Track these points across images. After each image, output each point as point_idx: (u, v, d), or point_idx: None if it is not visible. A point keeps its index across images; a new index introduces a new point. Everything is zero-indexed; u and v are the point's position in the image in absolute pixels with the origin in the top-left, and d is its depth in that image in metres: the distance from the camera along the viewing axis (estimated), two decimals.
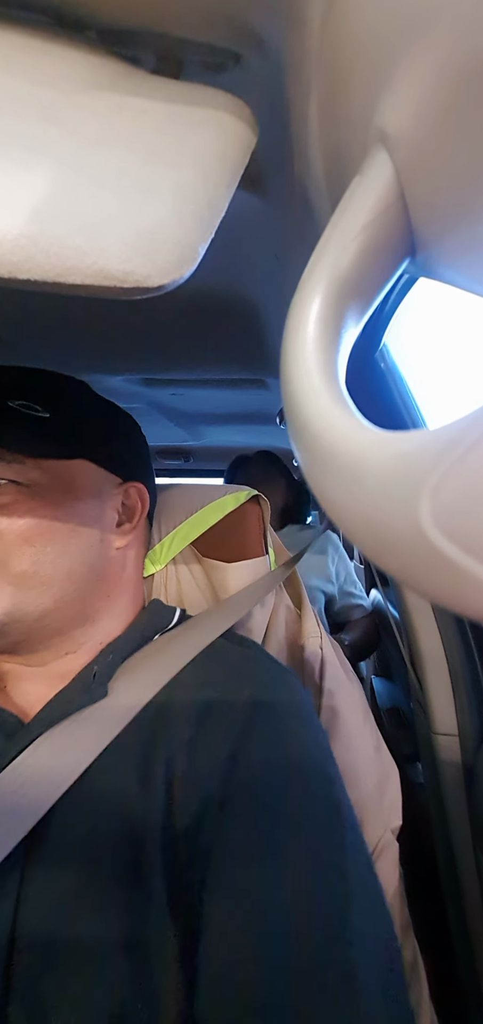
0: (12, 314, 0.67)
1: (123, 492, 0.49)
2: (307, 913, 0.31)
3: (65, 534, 0.43)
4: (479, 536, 0.11)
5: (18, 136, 0.21)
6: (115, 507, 0.49)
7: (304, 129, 0.27)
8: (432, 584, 0.12)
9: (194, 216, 0.22)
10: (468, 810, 0.69)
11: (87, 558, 0.44)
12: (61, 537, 0.42)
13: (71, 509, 0.43)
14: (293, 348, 0.19)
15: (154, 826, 0.36)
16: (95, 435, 0.47)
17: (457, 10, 0.15)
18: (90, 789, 0.37)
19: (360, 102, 0.21)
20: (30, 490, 0.41)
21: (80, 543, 0.44)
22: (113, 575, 0.48)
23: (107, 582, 0.47)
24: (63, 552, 0.42)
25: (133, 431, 0.54)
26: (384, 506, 0.13)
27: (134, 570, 0.52)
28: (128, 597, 0.50)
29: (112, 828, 0.36)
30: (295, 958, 0.30)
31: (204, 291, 0.59)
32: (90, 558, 0.45)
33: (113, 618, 0.48)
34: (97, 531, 0.46)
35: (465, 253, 0.20)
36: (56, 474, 0.43)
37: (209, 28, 0.25)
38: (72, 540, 0.43)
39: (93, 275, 0.21)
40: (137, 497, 0.51)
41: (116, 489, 0.49)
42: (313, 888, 0.32)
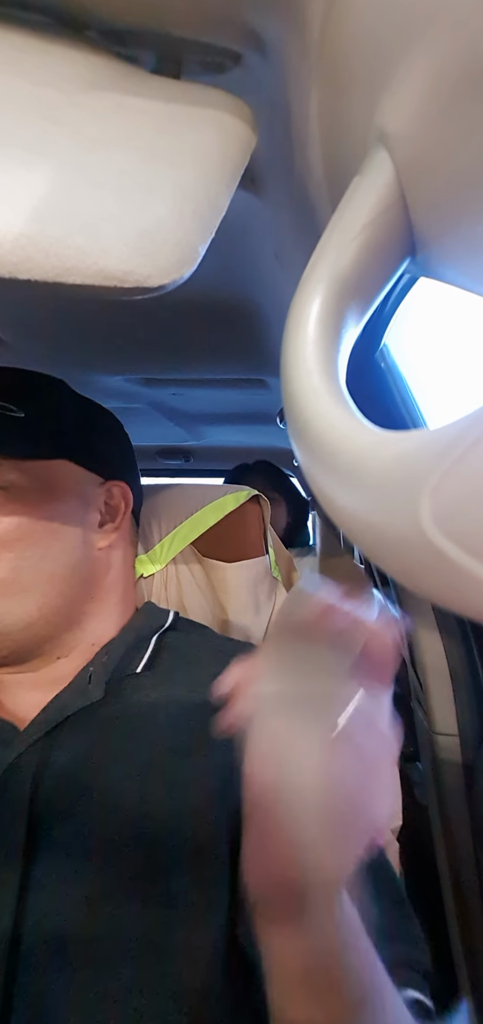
0: (12, 314, 0.67)
1: (105, 491, 0.48)
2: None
3: (46, 537, 0.42)
4: (479, 536, 0.11)
5: (18, 136, 0.21)
6: (97, 507, 0.48)
7: (304, 129, 0.27)
8: (432, 584, 0.12)
9: (194, 216, 0.22)
10: (468, 810, 0.69)
11: (69, 560, 0.43)
12: (42, 540, 0.41)
13: (51, 511, 0.42)
14: (293, 348, 0.19)
15: (169, 824, 0.36)
16: (74, 434, 0.46)
17: (457, 10, 0.15)
18: (99, 788, 0.37)
19: (360, 102, 0.21)
20: (8, 493, 0.40)
21: (62, 546, 0.43)
22: (97, 576, 0.47)
23: (92, 584, 0.46)
24: (44, 556, 0.41)
25: (114, 429, 0.53)
26: (384, 506, 0.13)
27: (121, 571, 0.51)
28: (117, 598, 0.49)
29: (125, 827, 0.36)
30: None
31: (204, 291, 0.59)
32: (72, 560, 0.44)
33: (102, 620, 0.47)
34: (79, 532, 0.45)
35: (465, 253, 0.20)
36: (35, 475, 0.42)
37: (209, 28, 0.25)
38: (53, 543, 0.42)
39: (93, 275, 0.21)
40: (120, 496, 0.50)
41: (98, 489, 0.48)
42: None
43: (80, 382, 0.94)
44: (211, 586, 0.66)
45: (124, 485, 0.50)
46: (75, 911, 0.33)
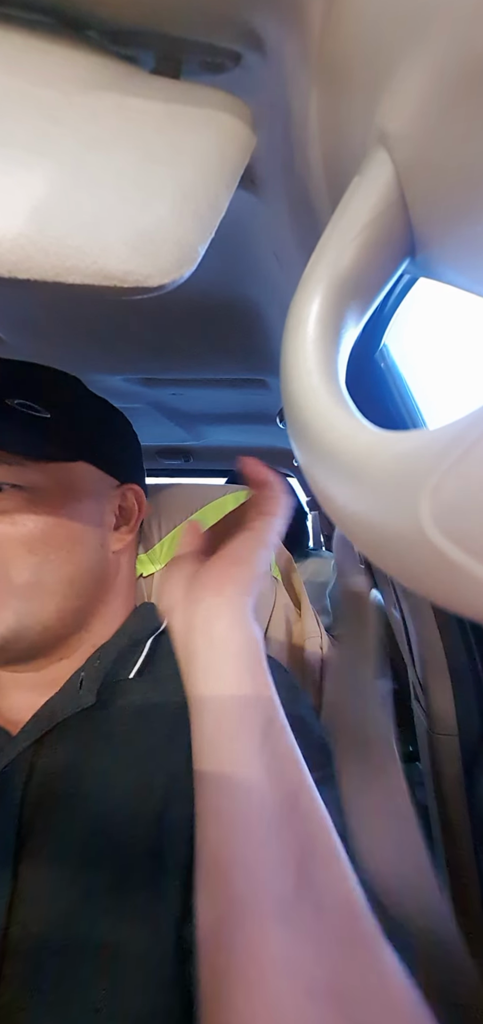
0: (12, 314, 0.67)
1: (120, 495, 0.48)
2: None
3: (68, 540, 0.41)
4: (479, 536, 0.11)
5: (18, 136, 0.21)
6: (113, 510, 0.47)
7: (304, 129, 0.27)
8: (432, 584, 0.12)
9: (194, 216, 0.22)
10: (468, 810, 0.69)
11: (89, 564, 0.43)
12: (64, 544, 0.41)
13: (73, 513, 0.42)
14: (293, 348, 0.19)
15: (150, 834, 0.35)
16: (94, 435, 0.46)
17: (457, 10, 0.15)
18: (83, 795, 0.37)
19: (360, 102, 0.21)
20: (32, 494, 0.40)
21: (83, 548, 0.43)
22: (109, 579, 0.47)
23: (103, 586, 0.46)
24: (67, 559, 0.41)
25: (127, 430, 0.53)
26: (384, 506, 0.13)
27: (127, 573, 0.51)
28: (121, 600, 0.49)
29: (108, 835, 0.35)
30: None
31: (204, 291, 0.59)
32: (91, 564, 0.44)
33: (106, 622, 0.47)
34: (98, 535, 0.45)
35: (465, 253, 0.20)
36: (57, 477, 0.42)
37: (209, 28, 0.25)
38: (75, 546, 0.42)
39: (93, 275, 0.21)
40: (134, 500, 0.50)
41: (114, 491, 0.48)
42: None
43: None
44: None
45: (138, 488, 0.50)
46: (57, 918, 0.33)
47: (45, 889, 0.34)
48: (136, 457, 0.53)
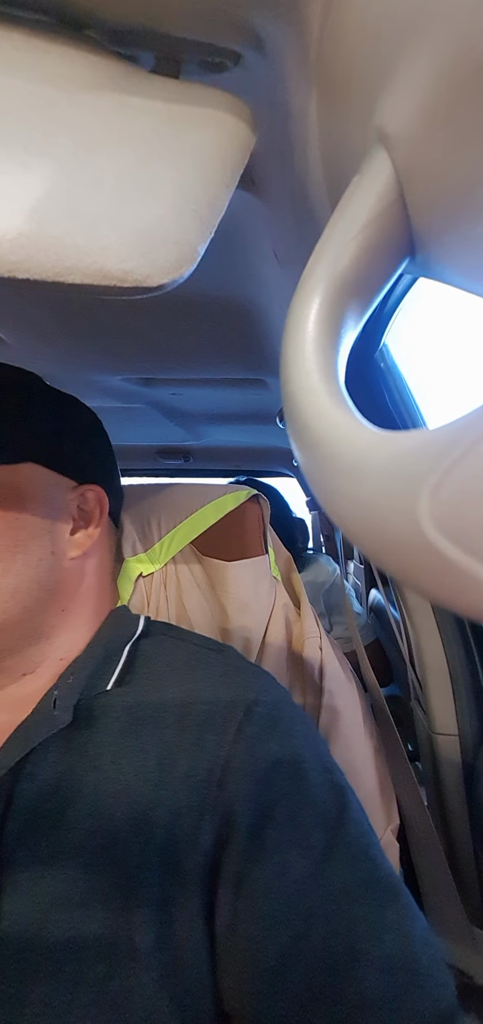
0: (12, 314, 0.67)
1: (79, 496, 0.45)
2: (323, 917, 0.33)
3: (9, 550, 0.39)
4: (478, 536, 0.11)
5: (18, 136, 0.21)
6: (70, 514, 0.44)
7: (304, 129, 0.27)
8: (431, 584, 0.12)
9: (194, 216, 0.22)
10: (468, 810, 0.69)
11: (35, 574, 0.40)
12: (4, 554, 0.38)
13: (16, 521, 0.39)
14: (293, 348, 0.19)
15: (152, 846, 0.35)
16: (45, 435, 0.43)
17: (456, 10, 0.15)
18: (67, 824, 0.35)
19: (360, 102, 0.21)
20: None
21: (27, 559, 0.40)
22: (68, 588, 0.44)
23: (62, 596, 0.43)
24: (6, 570, 0.38)
25: (91, 428, 0.49)
26: (384, 506, 0.13)
27: (96, 579, 0.48)
28: (90, 609, 0.46)
29: (95, 862, 0.34)
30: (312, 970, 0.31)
31: (204, 291, 0.59)
32: (39, 574, 0.41)
33: (73, 633, 0.44)
34: (47, 543, 0.41)
35: (465, 253, 0.20)
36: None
37: (209, 28, 0.25)
38: (18, 556, 0.39)
39: (93, 275, 0.21)
40: (95, 501, 0.46)
41: (70, 494, 0.44)
42: (323, 887, 0.34)
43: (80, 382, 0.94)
44: (211, 585, 0.66)
45: (99, 489, 0.46)
46: (44, 957, 0.33)
47: (30, 927, 0.33)
48: (101, 455, 0.50)
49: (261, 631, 0.66)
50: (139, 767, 0.38)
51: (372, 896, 0.34)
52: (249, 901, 0.34)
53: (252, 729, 0.39)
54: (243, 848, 0.35)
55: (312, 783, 0.38)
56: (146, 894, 0.34)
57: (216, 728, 0.39)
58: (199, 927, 0.34)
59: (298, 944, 0.32)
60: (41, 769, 0.37)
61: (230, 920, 0.34)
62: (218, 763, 0.37)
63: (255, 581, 0.67)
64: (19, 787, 0.37)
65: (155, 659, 0.45)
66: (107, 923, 0.33)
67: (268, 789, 0.37)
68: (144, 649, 0.46)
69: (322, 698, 0.63)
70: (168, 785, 0.37)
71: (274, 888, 0.34)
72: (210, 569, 0.66)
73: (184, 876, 0.35)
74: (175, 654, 0.46)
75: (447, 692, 0.72)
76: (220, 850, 0.35)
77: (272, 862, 0.34)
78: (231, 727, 0.39)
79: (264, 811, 0.36)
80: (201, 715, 0.40)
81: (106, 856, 0.34)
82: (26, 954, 0.32)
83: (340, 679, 0.66)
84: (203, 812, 0.36)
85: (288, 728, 0.41)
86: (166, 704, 0.41)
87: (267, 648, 0.66)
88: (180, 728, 0.39)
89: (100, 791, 0.37)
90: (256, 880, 0.34)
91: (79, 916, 0.33)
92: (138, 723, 0.40)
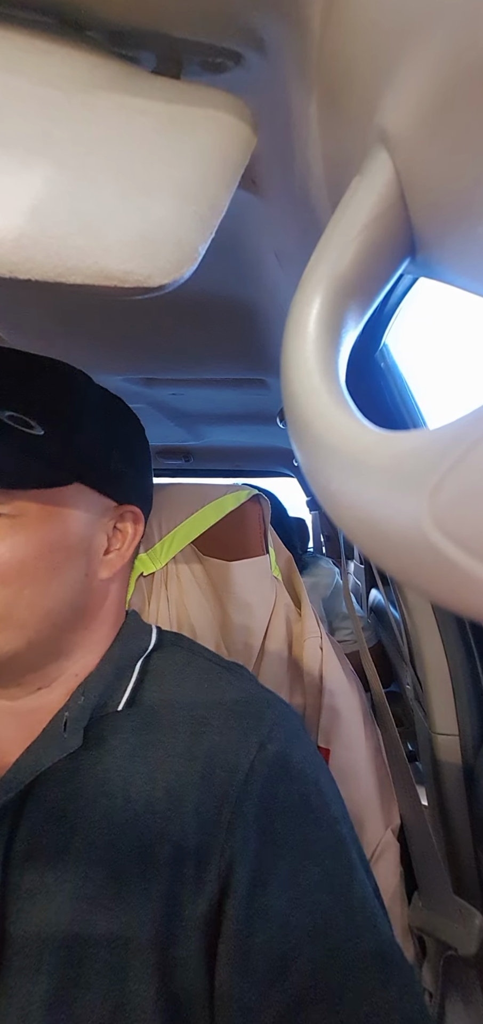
0: (12, 314, 0.67)
1: (117, 517, 0.43)
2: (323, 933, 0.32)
3: (47, 573, 0.37)
4: (479, 536, 0.11)
5: (19, 136, 0.21)
6: (106, 534, 0.42)
7: (304, 129, 0.27)
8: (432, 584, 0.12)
9: (194, 216, 0.22)
10: (468, 810, 0.69)
11: (69, 596, 0.39)
12: (43, 577, 0.36)
13: (57, 544, 0.37)
14: (293, 348, 0.19)
15: (155, 869, 0.34)
16: (94, 452, 0.40)
17: (457, 9, 0.15)
18: (74, 850, 0.35)
19: (360, 102, 0.21)
20: (14, 521, 0.35)
21: (63, 580, 0.38)
22: (94, 607, 0.42)
23: (87, 615, 0.42)
24: (43, 593, 0.37)
25: (138, 440, 0.46)
26: (384, 506, 0.13)
27: (116, 598, 0.45)
28: (107, 627, 0.44)
29: (101, 889, 0.34)
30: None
31: (204, 291, 0.59)
32: (72, 596, 0.39)
33: (89, 650, 0.43)
34: (82, 565, 0.40)
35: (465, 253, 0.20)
36: (45, 502, 0.36)
37: (209, 28, 0.25)
38: (55, 579, 0.37)
39: (94, 275, 0.21)
40: (131, 523, 0.44)
41: (109, 514, 0.42)
42: (329, 913, 0.33)
43: None
44: (211, 585, 0.66)
45: (137, 510, 0.44)
46: (61, 915, 0.33)
47: (34, 957, 0.32)
48: (144, 470, 0.47)
49: (262, 631, 0.66)
50: (148, 798, 0.37)
51: (376, 970, 0.32)
52: (245, 962, 0.32)
53: (264, 770, 0.38)
54: (245, 901, 0.34)
55: (319, 838, 0.37)
56: (148, 935, 0.33)
57: (228, 763, 0.38)
58: (200, 974, 0.33)
59: (295, 1011, 0.30)
60: (49, 791, 0.37)
61: (227, 978, 0.32)
62: (229, 803, 0.36)
63: (256, 581, 0.67)
64: (27, 809, 0.36)
65: (166, 676, 0.44)
66: (110, 960, 0.32)
67: (275, 843, 0.36)
68: (155, 663, 0.45)
69: (323, 698, 0.63)
70: (176, 820, 0.36)
71: (274, 951, 0.32)
72: (211, 569, 0.66)
73: (187, 921, 0.34)
74: (186, 672, 0.45)
75: (447, 692, 0.72)
76: (224, 899, 0.34)
77: (273, 922, 0.33)
78: (244, 764, 0.38)
79: (268, 865, 0.35)
80: (212, 746, 0.39)
81: (110, 890, 0.33)
82: (30, 985, 0.31)
83: (341, 679, 0.66)
84: (211, 854, 0.35)
85: (300, 771, 0.39)
86: (176, 728, 0.40)
87: (268, 648, 0.66)
88: (189, 758, 0.38)
89: (108, 820, 0.36)
90: (255, 939, 0.33)
91: (84, 951, 0.32)
92: (147, 747, 0.39)
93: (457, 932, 0.58)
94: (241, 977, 0.32)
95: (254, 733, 0.39)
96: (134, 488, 0.44)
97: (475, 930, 0.58)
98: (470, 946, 0.57)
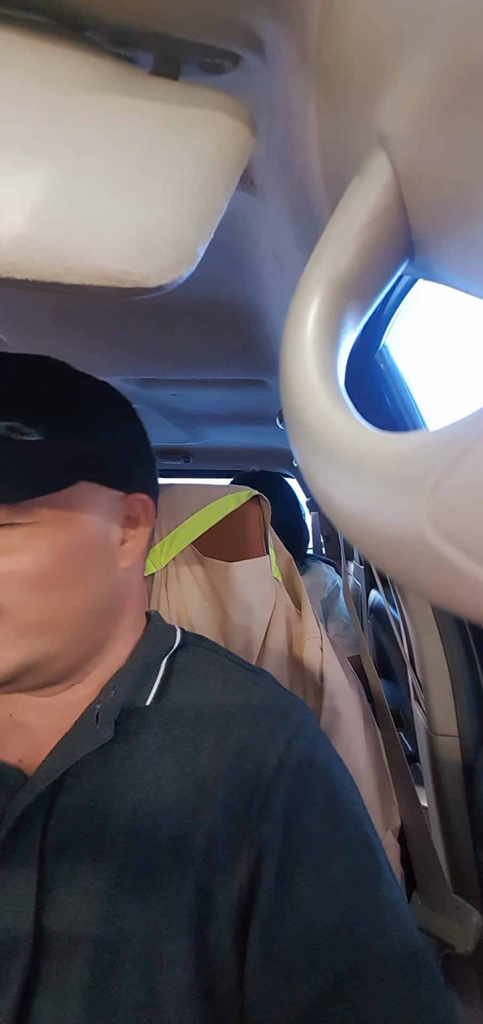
0: (12, 314, 0.67)
1: (127, 506, 0.43)
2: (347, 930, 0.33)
3: (73, 574, 0.38)
4: (478, 537, 0.11)
5: (17, 136, 0.21)
6: (119, 524, 0.43)
7: (303, 129, 0.27)
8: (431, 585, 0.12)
9: (193, 217, 0.22)
10: (468, 810, 0.69)
11: (97, 591, 0.40)
12: (69, 579, 0.37)
13: (75, 543, 0.38)
14: (292, 349, 0.19)
15: (188, 856, 0.35)
16: (96, 448, 0.40)
17: (456, 11, 0.15)
18: (106, 841, 0.35)
19: (359, 103, 0.21)
20: (29, 530, 0.36)
21: (90, 578, 0.39)
22: (121, 598, 0.43)
23: (115, 607, 0.43)
24: (73, 594, 0.38)
25: (138, 430, 0.47)
26: (383, 507, 0.13)
27: (138, 586, 0.47)
28: (133, 617, 0.46)
29: (145, 873, 0.34)
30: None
31: (203, 292, 0.59)
32: (100, 591, 0.40)
33: (119, 643, 0.44)
34: (104, 559, 0.41)
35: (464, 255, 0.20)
36: (55, 507, 0.37)
37: (208, 29, 0.25)
38: (82, 578, 0.38)
39: (92, 275, 0.21)
40: (142, 510, 0.44)
41: (119, 505, 0.42)
42: (353, 907, 0.34)
43: None
44: (212, 586, 0.66)
45: (146, 497, 0.45)
46: (94, 909, 0.33)
47: (70, 945, 0.32)
48: (143, 457, 0.47)
49: (262, 631, 0.66)
50: (178, 790, 0.37)
51: (405, 969, 0.32)
52: (274, 951, 0.33)
53: (292, 764, 0.39)
54: (274, 890, 0.34)
55: (346, 834, 0.37)
56: (180, 922, 0.33)
57: (256, 757, 0.39)
58: (231, 960, 0.34)
59: (325, 1003, 0.31)
60: (81, 783, 0.37)
61: (256, 966, 0.33)
62: (258, 794, 0.37)
63: (256, 581, 0.67)
64: (59, 800, 0.36)
65: (191, 674, 0.45)
66: (145, 950, 0.32)
67: (303, 835, 0.36)
68: (181, 662, 0.46)
69: (323, 699, 0.63)
70: (207, 810, 0.36)
71: (302, 942, 0.32)
72: (211, 570, 0.66)
73: (217, 908, 0.34)
74: (211, 672, 0.46)
75: (447, 693, 0.72)
76: (253, 888, 0.35)
77: (300, 912, 0.33)
78: (272, 759, 0.39)
79: (296, 857, 0.35)
80: (240, 741, 0.40)
81: (144, 879, 0.34)
82: (66, 973, 0.32)
83: (341, 680, 0.66)
84: (241, 842, 0.36)
85: (325, 768, 0.40)
86: (204, 724, 0.41)
87: (268, 648, 0.66)
88: (217, 752, 0.39)
89: (140, 811, 0.36)
90: (284, 929, 0.33)
91: (119, 939, 0.32)
92: (175, 742, 0.40)
93: (455, 930, 0.59)
94: (269, 966, 0.32)
95: (281, 730, 0.41)
96: (139, 476, 0.45)
97: (472, 928, 0.58)
98: (467, 944, 0.57)
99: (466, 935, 0.58)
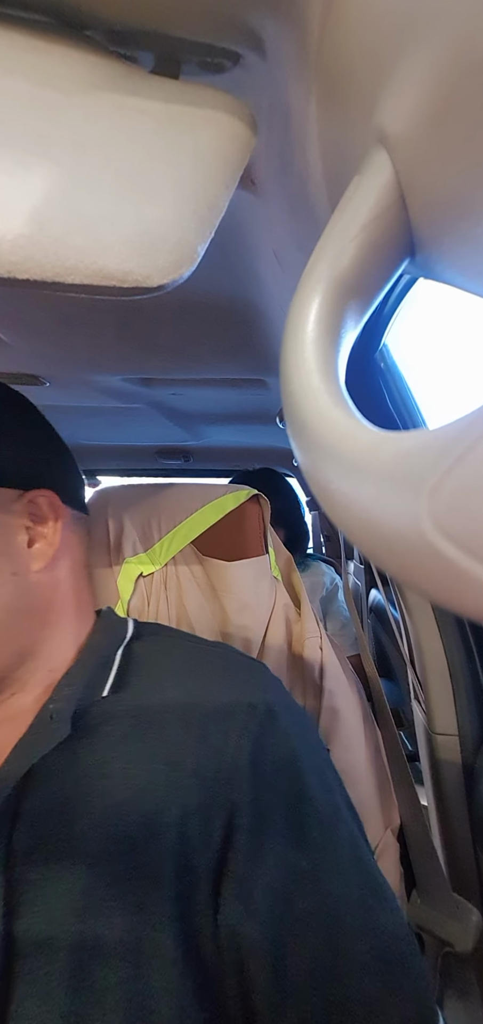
0: (12, 314, 0.67)
1: (27, 505, 0.41)
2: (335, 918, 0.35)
3: None
4: (478, 536, 0.11)
5: (18, 136, 0.21)
6: (21, 525, 0.41)
7: (304, 129, 0.27)
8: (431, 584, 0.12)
9: (193, 216, 0.22)
10: (468, 810, 0.69)
11: (2, 600, 0.39)
12: None
13: None
14: (293, 348, 0.19)
15: (163, 831, 0.35)
16: None
17: (456, 10, 0.15)
18: (76, 836, 0.35)
19: (359, 102, 0.21)
20: None
21: None
22: (44, 601, 0.42)
23: (39, 611, 0.42)
24: None
25: (31, 425, 0.45)
26: (383, 506, 0.13)
27: (72, 581, 0.45)
28: (71, 614, 0.44)
29: (104, 872, 0.34)
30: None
31: (204, 291, 0.59)
32: (4, 600, 0.39)
33: (59, 642, 0.43)
34: (5, 565, 0.39)
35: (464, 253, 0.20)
36: None
37: (208, 28, 0.25)
38: None
39: (92, 275, 0.21)
40: (47, 506, 0.42)
41: (16, 505, 0.40)
42: (337, 895, 0.36)
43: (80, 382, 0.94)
44: (211, 585, 0.66)
45: (49, 493, 0.42)
46: (68, 913, 0.33)
47: (50, 941, 0.32)
48: (47, 453, 0.45)
49: (261, 631, 0.66)
50: (148, 770, 0.37)
51: (359, 903, 0.36)
52: (249, 900, 0.34)
53: (254, 725, 0.40)
54: (245, 847, 0.35)
55: (308, 783, 0.39)
56: (162, 894, 0.34)
57: (220, 725, 0.39)
58: (211, 923, 0.34)
59: (295, 943, 0.33)
60: (48, 787, 0.37)
61: (231, 919, 0.34)
62: (226, 760, 0.38)
63: (255, 581, 0.67)
64: (27, 806, 0.36)
65: (150, 661, 0.45)
66: (128, 927, 0.33)
67: (269, 789, 0.38)
68: (137, 652, 0.45)
69: (322, 699, 0.63)
70: (178, 784, 0.37)
71: (275, 891, 0.34)
72: (210, 569, 0.66)
73: (196, 874, 0.35)
74: (172, 654, 0.46)
75: (447, 692, 0.72)
76: (226, 848, 0.36)
77: (270, 862, 0.35)
78: (236, 724, 0.40)
79: (264, 811, 0.37)
80: (205, 713, 0.40)
81: (122, 861, 0.34)
82: (49, 968, 0.31)
83: (340, 679, 0.66)
84: (213, 809, 0.36)
85: (287, 724, 0.41)
86: (168, 705, 0.41)
87: (267, 648, 0.66)
88: (184, 726, 0.40)
89: (111, 798, 0.36)
90: (256, 879, 0.35)
91: (100, 924, 0.32)
92: (141, 727, 0.40)
93: (454, 929, 0.59)
94: (244, 916, 0.34)
95: (243, 694, 0.42)
96: (40, 473, 0.43)
97: (471, 927, 0.58)
98: (466, 943, 0.57)
99: (465, 934, 0.58)
